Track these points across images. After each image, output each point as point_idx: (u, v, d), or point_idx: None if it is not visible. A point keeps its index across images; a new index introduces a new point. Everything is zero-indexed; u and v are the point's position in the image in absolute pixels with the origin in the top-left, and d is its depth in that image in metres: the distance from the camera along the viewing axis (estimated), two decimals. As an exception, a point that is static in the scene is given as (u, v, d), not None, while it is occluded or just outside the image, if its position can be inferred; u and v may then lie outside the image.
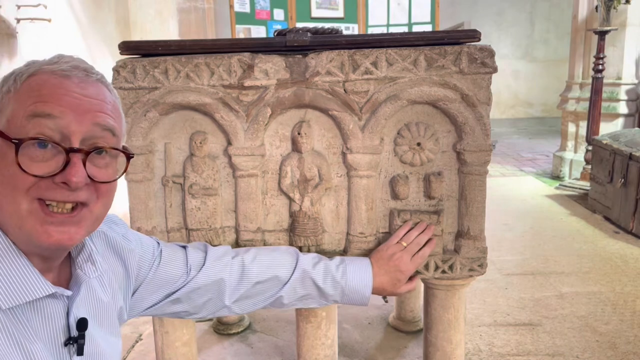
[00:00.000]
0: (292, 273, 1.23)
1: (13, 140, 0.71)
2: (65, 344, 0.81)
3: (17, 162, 0.71)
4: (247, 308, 1.24)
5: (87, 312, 0.86)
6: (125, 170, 0.84)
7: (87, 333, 0.83)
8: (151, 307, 1.12)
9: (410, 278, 1.35)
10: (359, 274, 1.27)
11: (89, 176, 0.75)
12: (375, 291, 1.30)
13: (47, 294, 0.77)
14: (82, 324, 0.83)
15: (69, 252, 0.87)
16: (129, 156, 0.84)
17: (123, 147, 0.84)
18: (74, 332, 0.82)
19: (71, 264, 0.88)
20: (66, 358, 0.81)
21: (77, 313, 0.83)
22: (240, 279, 1.20)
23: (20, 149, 0.71)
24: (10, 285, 0.73)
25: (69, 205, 0.76)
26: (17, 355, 0.72)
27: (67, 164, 0.73)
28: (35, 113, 0.72)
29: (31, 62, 0.77)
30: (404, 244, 1.33)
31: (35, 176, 0.72)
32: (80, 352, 0.82)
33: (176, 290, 1.13)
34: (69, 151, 0.73)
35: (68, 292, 0.81)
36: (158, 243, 1.14)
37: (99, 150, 0.77)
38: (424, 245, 1.35)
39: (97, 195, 0.79)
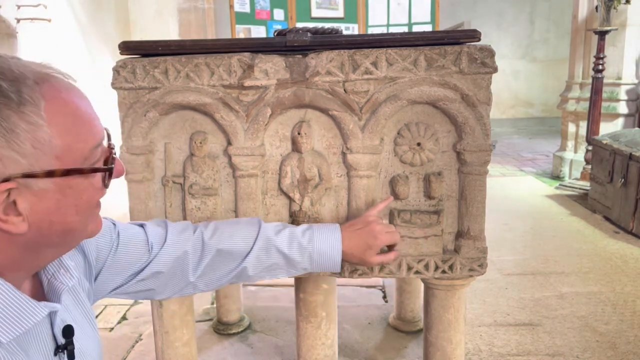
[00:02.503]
0: (255, 242, 1.18)
1: (107, 168, 0.76)
2: (55, 353, 0.79)
3: (105, 185, 0.76)
4: (212, 283, 1.19)
5: (68, 318, 0.85)
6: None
7: (74, 338, 0.82)
8: (116, 288, 1.08)
9: (385, 253, 1.27)
10: (326, 238, 1.21)
11: None
12: (345, 256, 1.22)
13: (43, 316, 0.74)
14: (69, 330, 0.81)
15: None
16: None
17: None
18: (61, 340, 0.80)
19: (39, 272, 0.84)
20: None
21: (60, 322, 0.81)
22: (201, 253, 1.15)
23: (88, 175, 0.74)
24: (5, 318, 0.70)
25: None
26: None
27: (111, 160, 0.77)
28: (95, 145, 0.74)
29: (27, 77, 0.67)
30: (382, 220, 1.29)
31: (106, 187, 0.77)
32: (71, 357, 0.81)
33: (140, 270, 1.09)
34: (112, 149, 0.78)
35: (58, 307, 0.79)
36: (114, 224, 1.09)
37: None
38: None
39: None
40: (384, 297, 2.73)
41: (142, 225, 1.14)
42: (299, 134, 1.37)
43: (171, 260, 1.12)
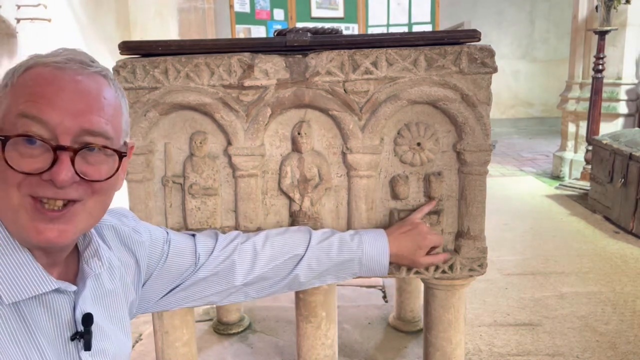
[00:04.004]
0: (306, 250, 1.21)
1: (0, 137, 0.71)
2: (72, 339, 0.81)
3: (3, 158, 0.71)
4: (263, 291, 1.22)
5: (95, 307, 0.86)
6: (117, 170, 0.80)
7: (95, 328, 0.83)
8: (160, 299, 1.11)
9: (434, 254, 1.33)
10: (375, 242, 1.26)
11: (79, 174, 0.74)
12: (394, 258, 1.27)
13: (51, 289, 0.77)
14: (88, 319, 0.82)
15: (76, 247, 0.87)
16: (120, 155, 0.80)
17: (124, 142, 0.83)
18: (80, 327, 0.82)
19: (79, 259, 0.87)
20: (74, 353, 0.81)
21: (83, 308, 0.83)
22: (253, 261, 1.18)
23: (7, 145, 0.71)
24: (13, 279, 0.74)
25: (59, 202, 0.74)
26: (19, 349, 0.73)
27: (55, 161, 0.72)
28: (24, 113, 0.71)
29: (33, 55, 0.77)
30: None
31: (23, 173, 0.71)
32: (87, 347, 0.82)
33: (185, 280, 1.12)
34: (57, 149, 0.72)
35: (73, 287, 0.81)
36: (167, 233, 1.13)
37: (90, 147, 0.75)
38: None
39: (92, 192, 0.77)
40: (384, 297, 2.73)
41: (193, 236, 1.18)
42: (299, 134, 1.37)
43: (215, 271, 1.15)
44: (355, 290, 2.78)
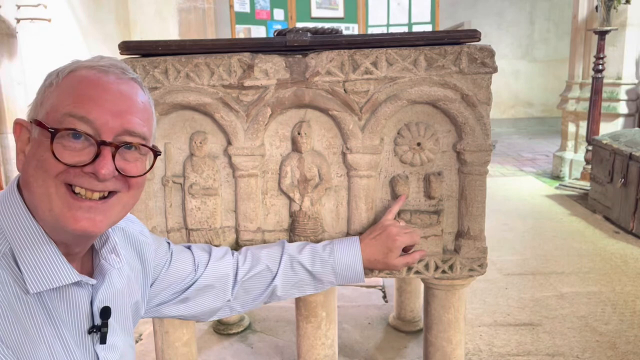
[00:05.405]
0: (280, 262, 1.26)
1: (50, 130, 0.75)
2: (89, 332, 0.84)
3: (51, 149, 0.75)
4: (247, 304, 1.27)
5: (108, 302, 0.89)
6: (152, 166, 0.89)
7: (109, 322, 0.87)
8: (160, 304, 1.15)
9: (409, 253, 1.32)
10: (346, 250, 1.28)
11: (117, 169, 0.79)
12: (367, 263, 1.29)
13: (74, 281, 0.80)
14: (106, 312, 0.87)
15: (93, 245, 0.91)
16: (156, 154, 0.87)
17: (153, 145, 0.88)
18: (98, 320, 0.85)
19: (94, 256, 0.91)
20: (89, 345, 0.85)
21: (100, 302, 0.87)
22: (235, 276, 1.23)
23: (55, 138, 0.75)
24: (39, 270, 0.77)
25: (96, 194, 0.79)
26: (44, 339, 0.76)
27: (97, 156, 0.77)
28: (72, 113, 0.76)
29: (75, 60, 0.82)
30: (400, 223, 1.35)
31: (67, 164, 0.76)
32: (103, 340, 0.86)
33: (186, 288, 1.17)
34: (100, 144, 0.77)
35: (93, 281, 0.85)
36: (169, 243, 1.19)
37: (128, 145, 0.81)
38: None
39: (128, 187, 0.83)
40: (384, 297, 2.73)
41: (189, 247, 1.23)
42: (299, 134, 1.37)
43: (212, 282, 1.20)
44: (355, 290, 2.78)
